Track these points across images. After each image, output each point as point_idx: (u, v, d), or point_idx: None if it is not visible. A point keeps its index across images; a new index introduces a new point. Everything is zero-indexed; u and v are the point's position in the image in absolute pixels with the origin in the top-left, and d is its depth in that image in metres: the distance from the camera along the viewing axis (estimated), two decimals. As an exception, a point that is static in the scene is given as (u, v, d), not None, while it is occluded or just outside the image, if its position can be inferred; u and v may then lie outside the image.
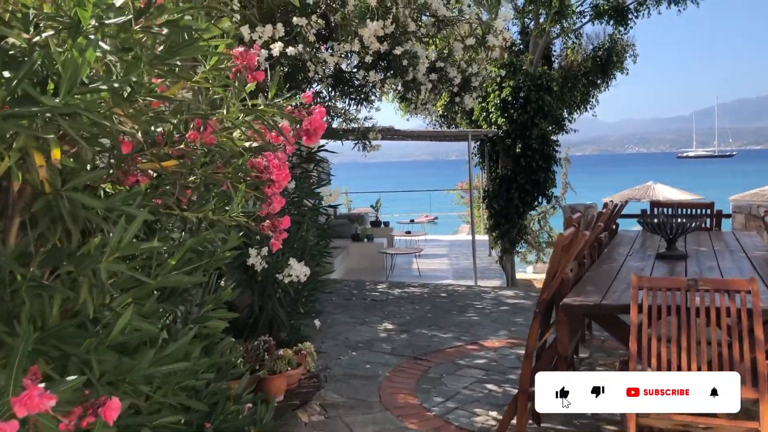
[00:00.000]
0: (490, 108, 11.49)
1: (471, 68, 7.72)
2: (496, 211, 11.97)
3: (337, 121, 8.49)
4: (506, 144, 11.45)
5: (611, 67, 13.42)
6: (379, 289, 8.61)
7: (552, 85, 11.29)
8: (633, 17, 12.21)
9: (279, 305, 5.55)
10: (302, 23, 4.94)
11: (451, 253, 14.07)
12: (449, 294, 8.21)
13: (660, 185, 16.16)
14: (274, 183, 2.15)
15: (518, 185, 11.58)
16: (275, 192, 2.16)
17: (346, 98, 8.24)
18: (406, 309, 7.26)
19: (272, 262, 5.29)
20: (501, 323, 6.52)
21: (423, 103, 7.88)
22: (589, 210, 8.13)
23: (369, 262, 12.09)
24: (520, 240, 12.60)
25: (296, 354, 4.44)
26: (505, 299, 7.83)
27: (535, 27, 12.26)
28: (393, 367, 5.15)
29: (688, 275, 3.81)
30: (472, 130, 10.77)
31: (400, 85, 7.71)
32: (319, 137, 2.13)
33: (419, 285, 8.92)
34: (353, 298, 7.92)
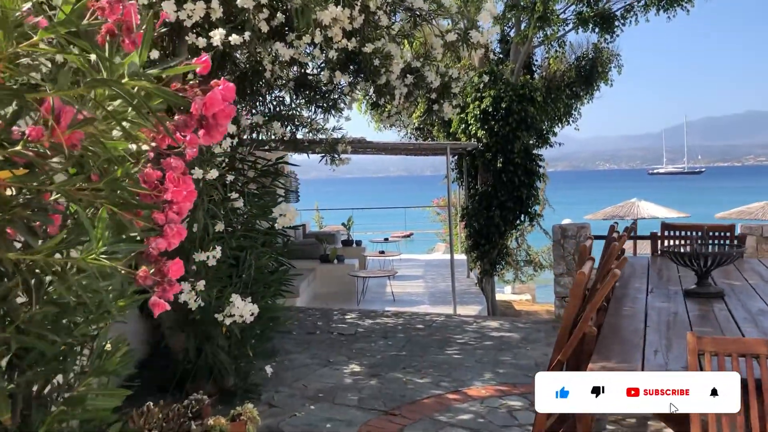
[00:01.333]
0: (470, 119, 10.65)
1: (450, 72, 6.88)
2: (475, 230, 11.09)
3: (302, 132, 7.59)
4: (486, 158, 10.61)
5: (595, 78, 12.72)
6: (347, 320, 7.65)
7: (535, 95, 10.50)
8: (620, 24, 11.53)
9: (221, 349, 4.57)
10: (248, 5, 4.02)
11: (427, 274, 13.16)
12: (427, 325, 7.29)
13: (644, 202, 15.47)
14: (170, 205, 1.25)
15: (499, 202, 10.73)
16: (173, 219, 1.27)
17: (312, 106, 7.36)
18: (378, 345, 6.32)
19: (212, 298, 4.32)
20: (486, 363, 5.61)
21: (397, 111, 7.03)
22: (581, 231, 7.31)
23: (338, 286, 11.13)
24: (501, 261, 11.73)
25: (233, 421, 3.46)
26: (489, 331, 6.93)
27: (516, 34, 11.50)
28: (359, 426, 4.19)
29: (738, 322, 2.94)
30: (450, 143, 9.88)
31: (371, 90, 6.85)
32: (222, 131, 1.21)
33: (393, 314, 7.98)
34: (317, 331, 6.94)
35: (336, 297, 10.72)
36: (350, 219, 14.05)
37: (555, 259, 7.41)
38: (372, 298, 10.78)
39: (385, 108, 7.09)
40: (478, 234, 11.09)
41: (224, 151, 4.16)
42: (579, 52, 12.86)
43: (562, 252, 7.33)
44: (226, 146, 4.18)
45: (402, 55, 6.15)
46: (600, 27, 11.54)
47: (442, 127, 11.97)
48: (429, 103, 7.04)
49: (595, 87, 13.00)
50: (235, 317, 4.15)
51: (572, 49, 12.75)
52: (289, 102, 7.32)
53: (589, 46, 12.77)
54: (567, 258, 7.30)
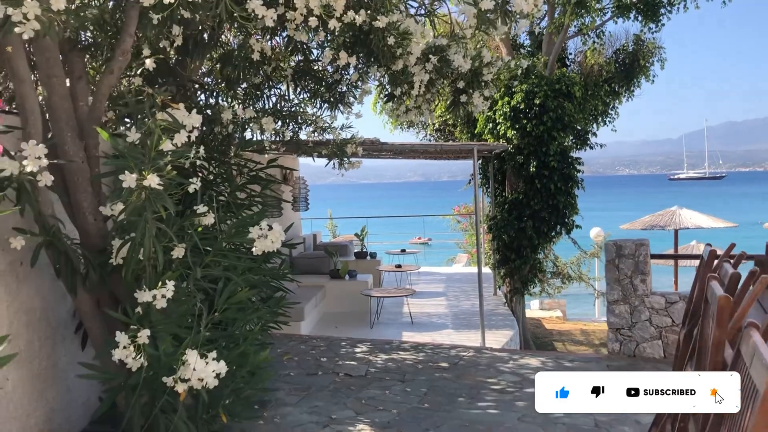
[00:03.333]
0: (498, 118, 9.38)
1: (483, 54, 5.66)
2: (504, 243, 9.79)
3: (306, 131, 6.44)
4: (517, 162, 9.33)
5: (636, 73, 11.38)
6: (357, 354, 6.42)
7: (573, 90, 9.20)
8: (666, 12, 10.21)
9: (180, 417, 3.36)
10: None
11: (449, 290, 11.89)
12: (452, 363, 6.03)
13: (686, 210, 14.09)
14: None
15: (532, 212, 9.44)
16: None
17: (316, 100, 6.20)
18: (394, 393, 5.08)
19: (162, 353, 3.12)
20: (531, 423, 4.35)
21: (416, 105, 5.85)
22: (640, 249, 6.02)
23: (350, 305, 9.92)
24: (534, 278, 10.41)
25: None
26: (530, 372, 5.66)
27: (550, 23, 10.22)
28: None
29: None
30: (478, 144, 8.61)
31: (385, 78, 5.65)
32: None
33: (412, 347, 6.73)
34: (319, 371, 5.72)
35: (347, 319, 9.52)
36: (364, 229, 12.84)
37: (608, 282, 6.13)
38: (387, 319, 9.57)
39: (402, 101, 5.87)
40: (508, 247, 9.80)
41: (177, 148, 2.95)
42: (617, 44, 11.53)
43: (617, 274, 6.05)
44: (180, 142, 2.97)
45: (423, 34, 4.96)
46: (643, 14, 10.23)
47: (466, 127, 10.71)
48: (455, 94, 5.79)
49: (636, 83, 11.65)
50: (191, 382, 2.95)
51: (610, 41, 11.44)
52: (292, 97, 6.19)
53: (629, 37, 11.44)
54: (623, 282, 6.02)
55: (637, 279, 6.02)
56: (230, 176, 5.07)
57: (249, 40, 4.73)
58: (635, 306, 6.04)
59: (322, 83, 5.91)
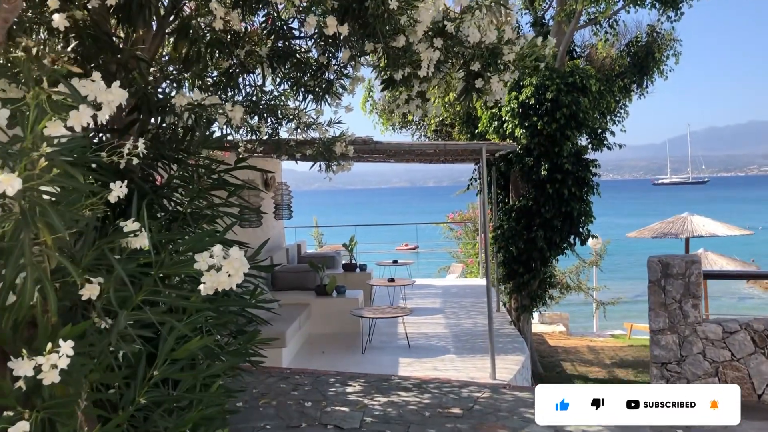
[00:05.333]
0: (504, 115, 8.33)
1: (504, 31, 4.60)
2: (512, 256, 8.72)
3: (287, 128, 5.45)
4: (527, 164, 8.28)
5: (650, 67, 10.40)
6: (349, 395, 5.30)
7: (590, 84, 8.17)
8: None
9: None
10: None
11: (447, 306, 10.81)
12: (466, 408, 4.94)
13: (698, 217, 13.18)
14: None
15: (543, 220, 8.38)
16: None
17: (299, 90, 5.18)
18: (397, 456, 3.98)
19: None
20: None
21: (420, 90, 4.83)
22: (691, 267, 4.98)
23: (339, 325, 8.82)
24: (543, 294, 9.35)
25: None
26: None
27: (560, 10, 9.21)
28: None
29: None
30: (486, 143, 7.51)
31: (383, 58, 4.57)
32: None
33: (414, 385, 5.62)
34: (303, 422, 4.59)
35: (335, 341, 8.41)
36: (352, 239, 11.73)
37: (652, 306, 5.07)
38: (381, 342, 8.47)
39: (405, 88, 4.81)
40: (515, 260, 8.73)
41: (74, 133, 1.84)
42: (629, 36, 10.56)
43: (662, 297, 5.00)
44: (77, 124, 1.85)
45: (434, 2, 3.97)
46: (661, 1, 9.25)
47: (465, 127, 9.64)
48: (468, 78, 4.72)
49: (649, 79, 10.67)
50: None
51: (623, 32, 10.45)
52: (270, 88, 5.15)
53: (643, 28, 10.47)
54: (671, 307, 4.97)
55: (688, 304, 4.98)
56: (191, 180, 3.93)
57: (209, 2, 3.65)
58: (685, 336, 4.99)
59: (305, 70, 4.87)
